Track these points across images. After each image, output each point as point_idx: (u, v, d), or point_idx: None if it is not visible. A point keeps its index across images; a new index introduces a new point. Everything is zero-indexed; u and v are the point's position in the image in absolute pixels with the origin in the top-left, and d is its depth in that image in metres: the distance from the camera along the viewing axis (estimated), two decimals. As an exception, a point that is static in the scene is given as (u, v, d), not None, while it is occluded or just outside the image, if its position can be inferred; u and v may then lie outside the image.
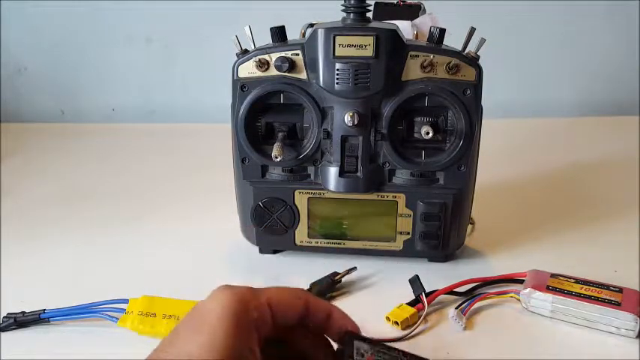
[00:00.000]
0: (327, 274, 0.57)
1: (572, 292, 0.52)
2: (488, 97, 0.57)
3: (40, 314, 0.51)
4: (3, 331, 0.51)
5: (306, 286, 0.55)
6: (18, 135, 1.06)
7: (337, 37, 0.53)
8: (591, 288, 0.52)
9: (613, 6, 1.12)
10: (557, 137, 1.03)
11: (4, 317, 0.52)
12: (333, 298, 0.56)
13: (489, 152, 0.65)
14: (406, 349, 0.41)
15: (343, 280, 0.57)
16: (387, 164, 0.57)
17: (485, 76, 0.55)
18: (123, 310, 0.51)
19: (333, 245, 0.61)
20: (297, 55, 0.55)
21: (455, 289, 0.54)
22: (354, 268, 0.57)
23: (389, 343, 0.42)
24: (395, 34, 0.54)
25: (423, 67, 0.54)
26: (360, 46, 0.53)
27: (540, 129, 1.07)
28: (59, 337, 0.51)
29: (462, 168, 0.57)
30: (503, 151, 0.92)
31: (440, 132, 0.56)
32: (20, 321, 0.51)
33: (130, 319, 0.50)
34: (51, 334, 0.51)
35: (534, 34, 1.14)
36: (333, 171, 0.57)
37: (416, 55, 0.54)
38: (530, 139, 1.03)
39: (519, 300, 0.53)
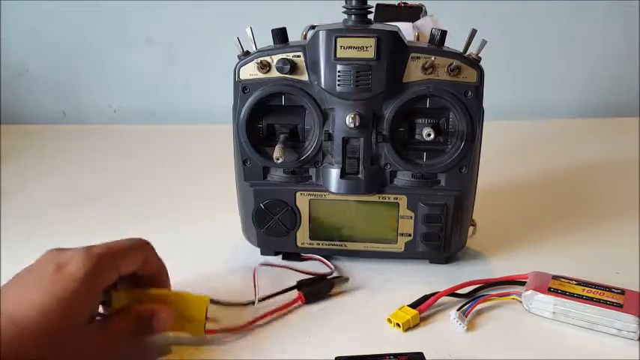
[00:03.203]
0: (319, 275, 0.57)
1: (573, 293, 0.52)
2: (490, 99, 0.57)
3: None
4: None
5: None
6: (19, 137, 1.06)
7: (338, 39, 0.53)
8: (593, 290, 0.52)
9: (613, 7, 1.12)
10: (557, 139, 1.03)
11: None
12: (329, 298, 0.56)
13: (490, 154, 0.65)
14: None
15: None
16: (389, 166, 0.57)
17: (487, 78, 0.55)
18: None
19: (334, 247, 0.61)
20: (298, 56, 0.55)
21: (456, 291, 0.54)
22: (347, 279, 0.57)
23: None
24: (396, 35, 0.54)
25: (424, 68, 0.54)
26: (362, 48, 0.53)
27: (541, 130, 1.07)
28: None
29: (464, 170, 0.57)
30: (504, 153, 0.92)
31: (441, 134, 0.56)
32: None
33: None
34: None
35: (534, 36, 1.14)
36: (334, 172, 0.57)
37: (417, 57, 0.54)
38: (530, 140, 1.03)
39: (521, 302, 0.53)
